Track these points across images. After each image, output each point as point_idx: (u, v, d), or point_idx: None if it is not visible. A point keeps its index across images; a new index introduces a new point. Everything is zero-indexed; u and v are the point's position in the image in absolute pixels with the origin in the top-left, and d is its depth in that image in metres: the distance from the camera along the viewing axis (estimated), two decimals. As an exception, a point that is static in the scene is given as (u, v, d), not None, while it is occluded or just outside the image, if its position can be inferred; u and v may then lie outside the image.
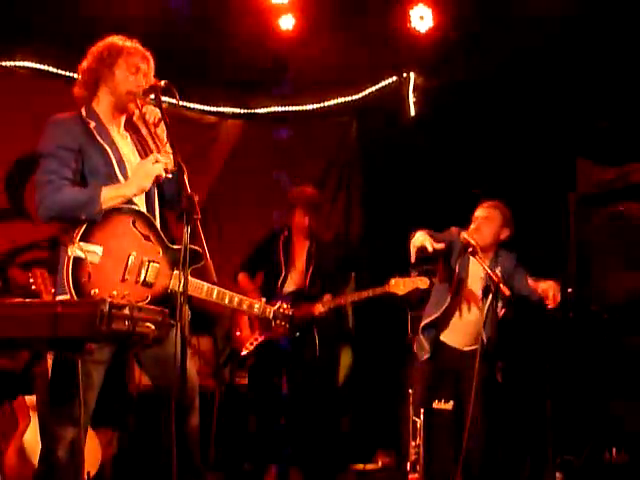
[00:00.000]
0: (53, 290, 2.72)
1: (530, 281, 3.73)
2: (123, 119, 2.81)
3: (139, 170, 2.67)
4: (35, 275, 3.58)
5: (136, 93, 2.71)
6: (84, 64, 2.76)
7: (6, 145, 5.03)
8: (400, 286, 4.29)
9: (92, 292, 2.47)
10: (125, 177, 2.70)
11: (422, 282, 4.19)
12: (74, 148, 2.63)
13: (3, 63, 4.90)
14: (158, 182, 2.72)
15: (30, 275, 3.58)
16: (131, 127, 2.86)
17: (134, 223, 2.64)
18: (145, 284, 2.63)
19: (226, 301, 2.82)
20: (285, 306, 2.98)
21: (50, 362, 2.75)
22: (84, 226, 2.53)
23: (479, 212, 3.95)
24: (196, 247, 2.59)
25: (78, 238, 2.51)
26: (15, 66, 4.96)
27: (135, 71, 2.73)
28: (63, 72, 4.96)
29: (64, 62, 4.89)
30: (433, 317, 3.90)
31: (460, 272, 3.88)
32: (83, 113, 2.73)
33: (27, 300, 2.48)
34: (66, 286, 2.49)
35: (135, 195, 2.67)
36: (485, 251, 3.85)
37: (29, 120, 4.80)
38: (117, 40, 2.76)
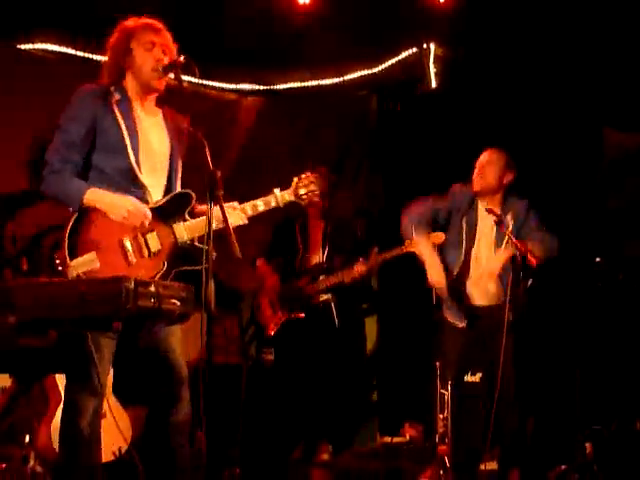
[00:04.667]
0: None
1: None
2: (154, 97, 2.82)
3: (129, 204, 2.65)
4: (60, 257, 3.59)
5: (157, 69, 2.72)
6: (105, 58, 2.81)
7: (28, 129, 5.05)
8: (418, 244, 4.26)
9: None
10: (136, 150, 2.70)
11: (437, 237, 4.17)
12: (86, 120, 2.66)
13: (22, 46, 4.90)
14: None
15: (56, 257, 3.59)
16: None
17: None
18: (154, 255, 2.65)
19: (246, 216, 2.84)
20: (304, 175, 2.95)
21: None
22: (66, 243, 2.57)
23: (480, 158, 4.00)
24: (187, 190, 2.73)
25: (68, 260, 2.55)
26: (34, 49, 4.96)
27: (151, 47, 2.74)
28: (82, 54, 4.94)
29: (83, 44, 4.88)
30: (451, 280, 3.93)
31: (469, 228, 3.94)
32: (111, 88, 2.75)
33: (53, 280, 2.50)
34: None
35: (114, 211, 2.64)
36: (492, 195, 3.92)
37: (50, 103, 4.82)
38: (127, 23, 2.77)
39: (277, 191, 2.95)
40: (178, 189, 2.84)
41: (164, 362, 2.74)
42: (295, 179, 2.99)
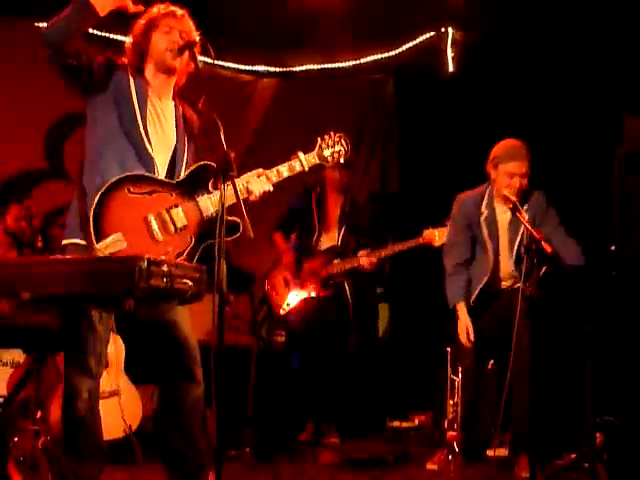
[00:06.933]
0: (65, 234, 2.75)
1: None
2: (172, 86, 2.83)
3: None
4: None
5: (172, 49, 2.73)
6: (125, 38, 2.87)
7: (44, 108, 5.06)
8: (435, 237, 4.22)
9: None
10: (144, 120, 2.70)
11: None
12: (104, 66, 2.68)
13: (39, 24, 4.90)
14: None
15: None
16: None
17: (129, 190, 2.62)
18: (180, 230, 2.66)
19: (270, 183, 2.80)
20: (327, 135, 2.92)
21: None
22: (92, 229, 2.54)
23: (513, 167, 3.68)
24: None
25: (95, 243, 2.53)
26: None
27: (169, 30, 2.78)
28: (99, 33, 4.94)
29: (100, 23, 4.87)
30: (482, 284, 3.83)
31: (490, 229, 3.79)
32: (131, 70, 2.79)
33: (66, 257, 2.51)
34: None
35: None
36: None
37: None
38: (152, 11, 2.81)
39: (301, 154, 2.90)
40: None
41: (175, 341, 2.76)
42: (319, 140, 2.94)
